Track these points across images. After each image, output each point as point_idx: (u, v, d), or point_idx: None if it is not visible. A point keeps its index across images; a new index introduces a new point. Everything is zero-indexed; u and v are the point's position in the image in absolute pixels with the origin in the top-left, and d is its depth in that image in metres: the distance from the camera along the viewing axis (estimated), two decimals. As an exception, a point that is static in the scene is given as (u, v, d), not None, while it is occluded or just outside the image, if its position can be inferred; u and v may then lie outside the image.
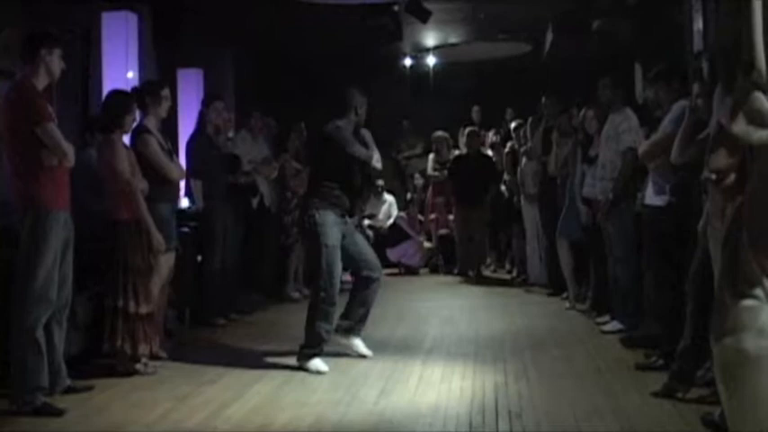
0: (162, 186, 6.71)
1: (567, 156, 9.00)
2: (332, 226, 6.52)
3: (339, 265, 6.57)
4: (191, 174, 8.56)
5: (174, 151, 7.33)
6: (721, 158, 2.39)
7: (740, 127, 2.19)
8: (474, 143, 12.62)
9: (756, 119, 2.16)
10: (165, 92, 7.11)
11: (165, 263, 6.75)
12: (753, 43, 2.17)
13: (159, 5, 9.71)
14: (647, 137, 6.44)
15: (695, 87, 5.50)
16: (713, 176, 2.43)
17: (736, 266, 2.30)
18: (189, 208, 8.97)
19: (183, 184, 8.84)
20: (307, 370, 6.35)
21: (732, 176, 2.40)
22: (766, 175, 2.24)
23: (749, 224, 2.27)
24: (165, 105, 7.08)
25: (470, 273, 12.33)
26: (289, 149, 10.58)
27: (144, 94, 6.93)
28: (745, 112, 2.18)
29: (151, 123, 6.93)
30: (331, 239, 6.49)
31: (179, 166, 7.26)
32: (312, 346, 6.45)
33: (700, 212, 5.03)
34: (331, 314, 6.52)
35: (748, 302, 2.26)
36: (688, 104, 5.60)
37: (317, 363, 6.38)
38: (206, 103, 8.89)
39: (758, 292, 2.25)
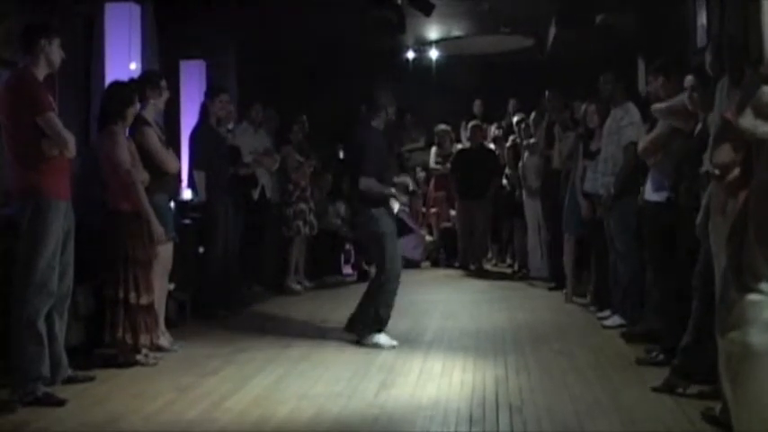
0: (159, 178, 6.71)
1: (570, 149, 9.00)
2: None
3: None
4: (194, 165, 8.57)
5: (171, 143, 7.33)
6: (725, 153, 2.38)
7: (747, 121, 2.18)
8: (477, 137, 12.64)
9: (764, 113, 2.15)
10: (164, 82, 7.13)
11: (164, 254, 6.75)
12: (761, 38, 2.17)
13: (162, -4, 9.71)
14: (648, 132, 6.43)
15: (688, 80, 5.47)
16: (716, 171, 2.42)
17: (741, 261, 2.29)
18: (191, 200, 8.97)
19: (185, 175, 8.84)
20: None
21: (736, 171, 2.39)
22: None
23: (755, 218, 2.27)
24: (165, 96, 7.09)
25: (471, 266, 12.34)
26: (292, 141, 10.57)
27: (144, 85, 6.92)
28: (752, 107, 2.18)
29: (149, 114, 6.92)
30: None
31: (175, 157, 7.25)
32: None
33: (698, 208, 5.03)
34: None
35: (754, 297, 2.26)
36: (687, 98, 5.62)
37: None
38: (211, 95, 8.86)
39: (764, 286, 2.25)
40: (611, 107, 7.78)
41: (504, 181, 12.35)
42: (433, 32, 14.01)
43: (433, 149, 13.40)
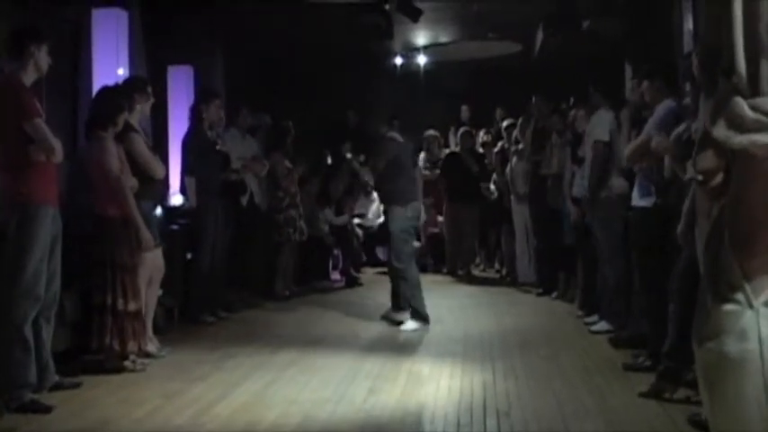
0: (146, 184, 6.70)
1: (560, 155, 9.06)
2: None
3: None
4: (185, 171, 8.55)
5: (159, 148, 7.33)
6: (709, 159, 2.39)
7: (721, 131, 2.19)
8: (467, 144, 12.67)
9: (736, 124, 2.17)
10: (150, 88, 7.14)
11: (152, 260, 6.74)
12: (733, 47, 2.18)
13: (150, 2, 9.68)
14: (636, 138, 6.47)
15: (686, 87, 5.52)
16: (700, 177, 2.43)
17: (717, 270, 2.30)
18: (182, 205, 8.96)
19: (177, 180, 8.83)
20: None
21: (719, 177, 2.40)
22: (745, 179, 2.25)
23: (730, 227, 2.28)
24: (151, 102, 7.11)
25: (460, 272, 12.36)
26: (282, 148, 10.56)
27: (133, 91, 6.92)
28: (725, 117, 2.19)
29: (135, 120, 6.92)
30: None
31: (160, 163, 7.24)
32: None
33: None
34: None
35: (730, 306, 2.27)
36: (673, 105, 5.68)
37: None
38: (206, 100, 8.83)
39: (739, 296, 2.26)
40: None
41: (492, 186, 12.37)
42: (420, 38, 14.01)
43: (422, 155, 13.38)
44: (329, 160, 13.70)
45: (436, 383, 5.88)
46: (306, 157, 11.33)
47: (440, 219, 13.23)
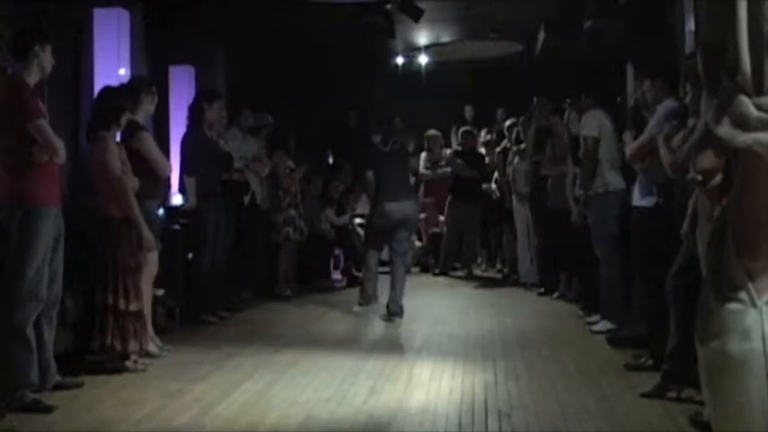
0: (150, 183, 6.70)
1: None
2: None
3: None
4: (185, 171, 8.55)
5: (161, 148, 7.34)
6: (709, 159, 2.39)
7: (725, 130, 2.19)
8: (469, 143, 12.67)
9: (741, 123, 2.16)
10: (154, 88, 7.16)
11: (151, 260, 6.74)
12: (737, 45, 2.17)
13: (151, 2, 9.68)
14: (635, 138, 6.47)
15: (687, 88, 5.52)
16: (700, 177, 2.43)
17: (720, 269, 2.30)
18: (182, 205, 8.96)
19: (176, 181, 8.83)
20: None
21: (719, 177, 2.40)
22: (750, 179, 2.25)
23: (734, 227, 2.27)
24: (155, 102, 7.12)
25: (460, 272, 12.35)
26: (284, 147, 10.56)
27: (139, 90, 6.92)
28: (729, 115, 2.18)
29: (141, 119, 6.93)
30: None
31: (168, 162, 7.25)
32: None
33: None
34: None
35: (733, 306, 2.26)
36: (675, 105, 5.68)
37: None
38: (209, 100, 8.83)
39: (743, 295, 2.25)
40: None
41: (494, 186, 12.36)
42: (422, 38, 14.02)
43: (423, 155, 13.37)
44: (330, 160, 13.70)
45: (437, 384, 5.88)
46: (308, 157, 11.32)
47: (441, 218, 13.20)
